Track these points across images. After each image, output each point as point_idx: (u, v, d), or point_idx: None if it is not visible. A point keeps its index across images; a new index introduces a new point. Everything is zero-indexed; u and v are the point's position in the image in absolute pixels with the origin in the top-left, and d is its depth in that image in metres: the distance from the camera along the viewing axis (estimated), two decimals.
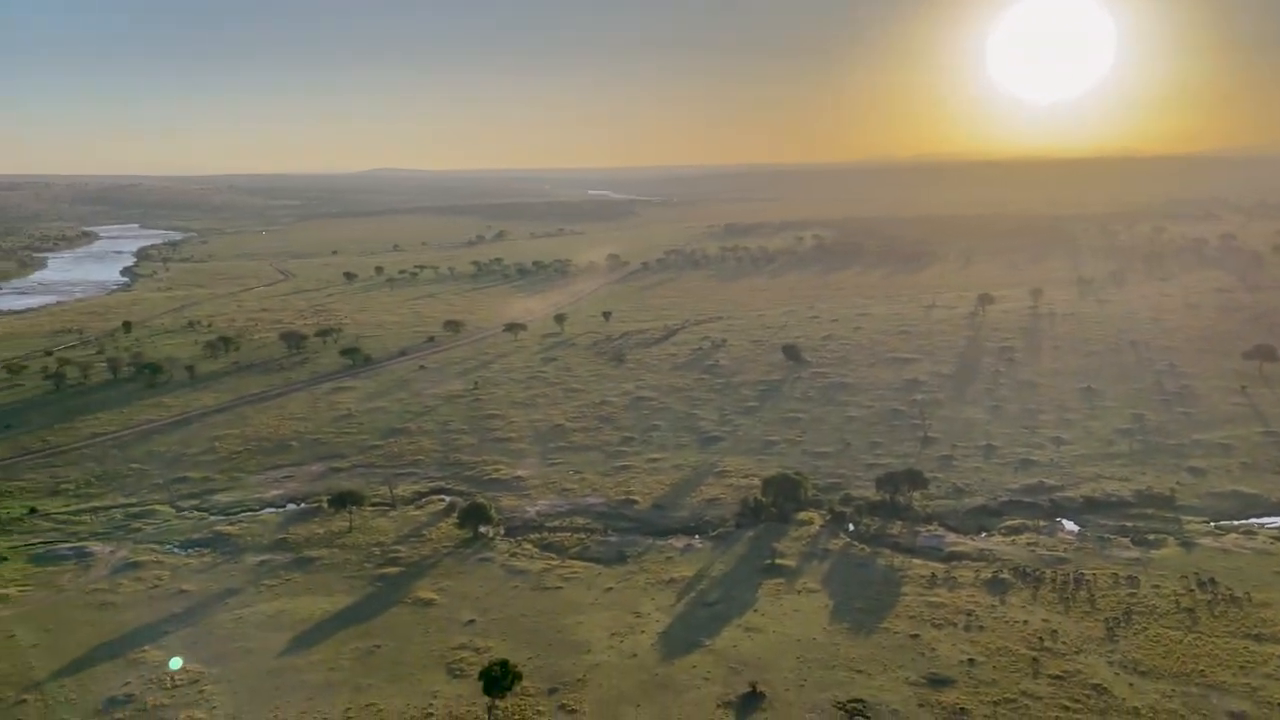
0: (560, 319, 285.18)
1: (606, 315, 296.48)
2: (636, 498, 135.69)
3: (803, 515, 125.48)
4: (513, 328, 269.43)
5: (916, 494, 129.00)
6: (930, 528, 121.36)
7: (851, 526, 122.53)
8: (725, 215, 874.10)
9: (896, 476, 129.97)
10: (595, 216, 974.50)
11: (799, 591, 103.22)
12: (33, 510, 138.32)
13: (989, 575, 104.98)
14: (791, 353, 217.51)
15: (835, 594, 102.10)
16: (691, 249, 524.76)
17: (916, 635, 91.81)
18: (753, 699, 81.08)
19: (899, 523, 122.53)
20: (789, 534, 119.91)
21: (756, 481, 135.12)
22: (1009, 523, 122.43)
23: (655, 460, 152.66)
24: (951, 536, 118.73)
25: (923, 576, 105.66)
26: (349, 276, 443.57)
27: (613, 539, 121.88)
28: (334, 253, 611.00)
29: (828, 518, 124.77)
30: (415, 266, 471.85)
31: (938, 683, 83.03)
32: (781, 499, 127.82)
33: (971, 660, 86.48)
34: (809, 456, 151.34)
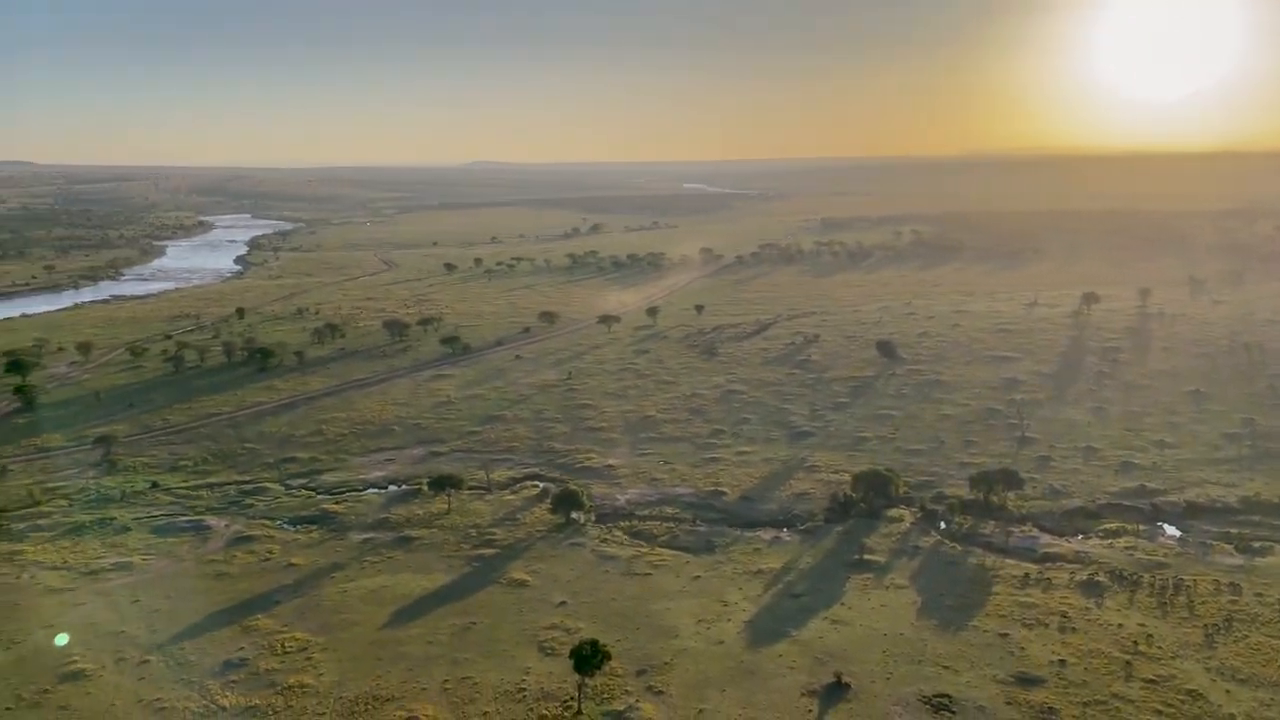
0: (653, 312, 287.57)
1: (699, 309, 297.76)
2: (725, 490, 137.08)
3: (893, 512, 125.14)
4: (606, 320, 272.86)
5: (1011, 494, 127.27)
6: (1024, 528, 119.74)
7: (943, 524, 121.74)
8: (821, 209, 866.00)
9: (991, 476, 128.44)
10: (690, 210, 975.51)
11: (887, 587, 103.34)
12: (154, 484, 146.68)
13: (1084, 578, 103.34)
14: (886, 349, 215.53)
15: (924, 591, 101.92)
16: (786, 243, 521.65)
17: (1006, 634, 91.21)
18: (837, 689, 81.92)
19: (992, 522, 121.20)
20: (879, 530, 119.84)
21: (846, 477, 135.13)
22: (1107, 526, 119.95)
23: (745, 453, 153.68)
24: (1046, 538, 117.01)
25: (1015, 577, 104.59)
26: (449, 267, 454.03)
27: (701, 529, 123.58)
28: (434, 244, 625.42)
29: (919, 515, 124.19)
30: (512, 258, 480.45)
31: (1027, 682, 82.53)
32: (872, 495, 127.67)
33: (1062, 661, 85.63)
34: (901, 454, 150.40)
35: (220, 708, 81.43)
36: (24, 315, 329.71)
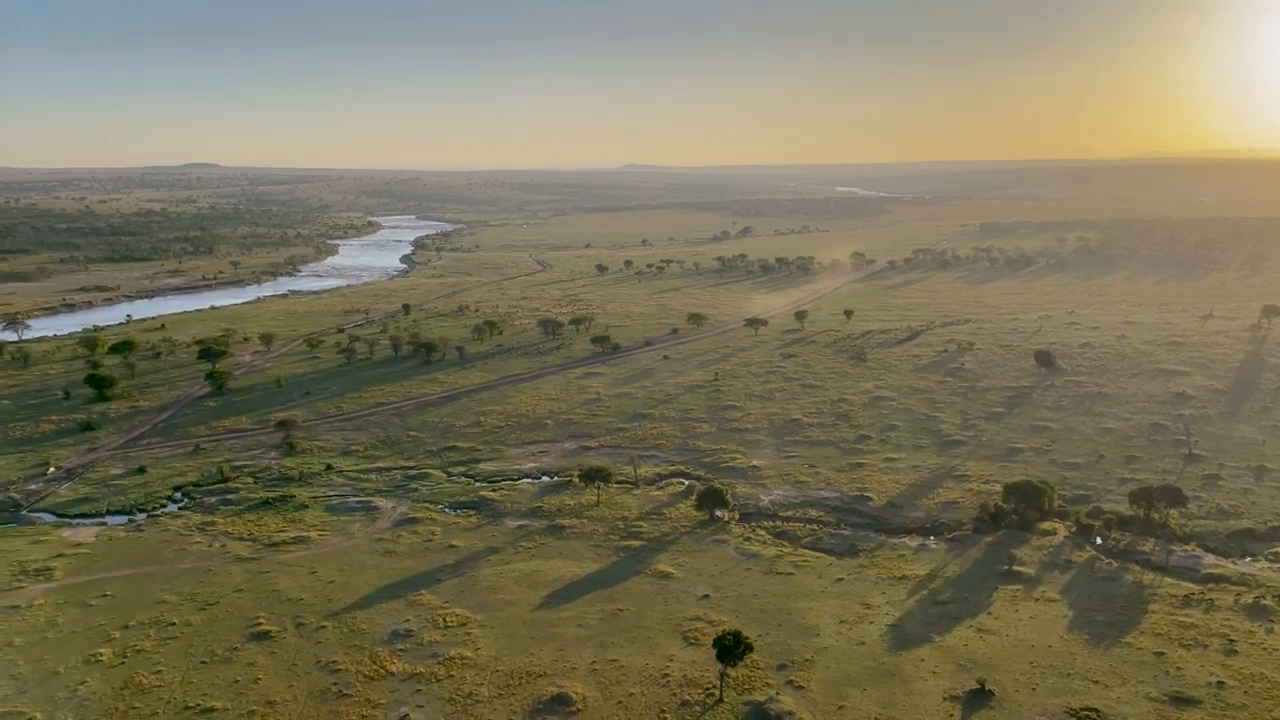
0: (801, 315, 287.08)
1: (848, 314, 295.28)
2: (871, 495, 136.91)
3: (1046, 525, 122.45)
4: (753, 323, 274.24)
5: (1174, 512, 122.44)
6: (1187, 547, 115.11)
7: (1099, 540, 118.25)
8: (981, 214, 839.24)
9: (1153, 492, 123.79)
10: (842, 214, 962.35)
11: (1037, 599, 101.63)
12: (328, 467, 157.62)
13: (1249, 600, 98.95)
14: (1045, 359, 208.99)
15: (1076, 605, 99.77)
16: (941, 248, 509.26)
17: (1162, 653, 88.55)
18: (981, 696, 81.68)
19: (1151, 540, 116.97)
20: (1029, 542, 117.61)
21: (998, 488, 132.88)
22: (1277, 549, 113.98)
23: (892, 460, 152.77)
24: (1210, 558, 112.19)
25: (1174, 596, 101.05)
26: (600, 269, 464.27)
27: (845, 532, 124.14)
28: (587, 246, 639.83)
29: (1073, 529, 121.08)
30: (662, 260, 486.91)
31: (1181, 701, 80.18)
32: (1024, 507, 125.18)
33: (1221, 683, 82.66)
34: (1056, 466, 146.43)
35: (389, 673, 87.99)
36: (213, 307, 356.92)
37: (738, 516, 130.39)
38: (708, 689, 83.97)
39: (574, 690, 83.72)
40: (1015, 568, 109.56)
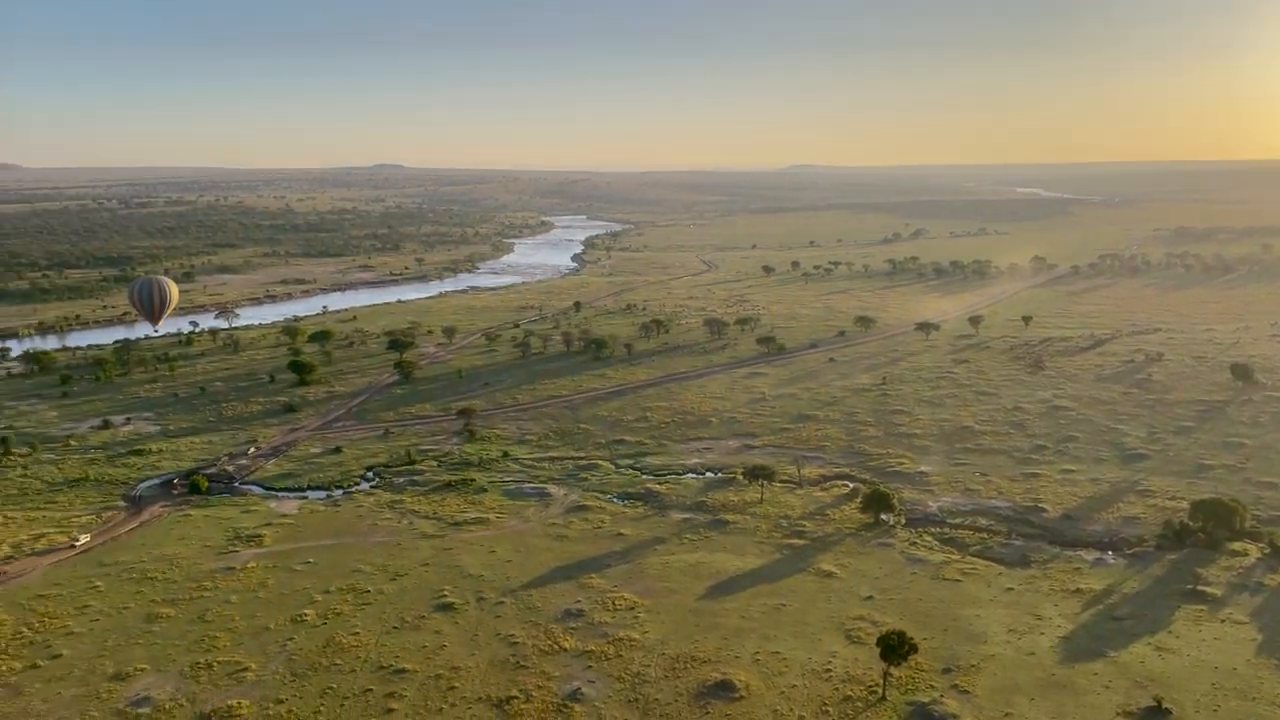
0: (975, 321, 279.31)
1: (1026, 320, 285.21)
2: (1045, 506, 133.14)
3: (1236, 545, 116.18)
4: (924, 327, 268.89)
5: None
6: None
7: None
8: (1176, 217, 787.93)
9: None
10: (1022, 216, 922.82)
11: (1222, 620, 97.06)
12: (505, 454, 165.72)
13: None
14: (1241, 372, 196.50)
15: (1266, 629, 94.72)
16: (1130, 253, 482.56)
17: None
18: (1157, 714, 79.22)
19: None
20: (1217, 562, 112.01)
21: (1184, 504, 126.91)
22: None
23: (1069, 471, 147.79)
24: None
25: None
26: (767, 270, 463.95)
27: (1017, 542, 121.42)
28: (753, 246, 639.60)
29: (1266, 551, 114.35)
30: (830, 262, 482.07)
31: None
32: (1212, 525, 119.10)
33: None
34: (1250, 485, 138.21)
35: (562, 649, 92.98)
36: (399, 301, 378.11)
37: (904, 521, 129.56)
38: (870, 686, 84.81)
39: (738, 678, 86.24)
40: (1200, 587, 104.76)
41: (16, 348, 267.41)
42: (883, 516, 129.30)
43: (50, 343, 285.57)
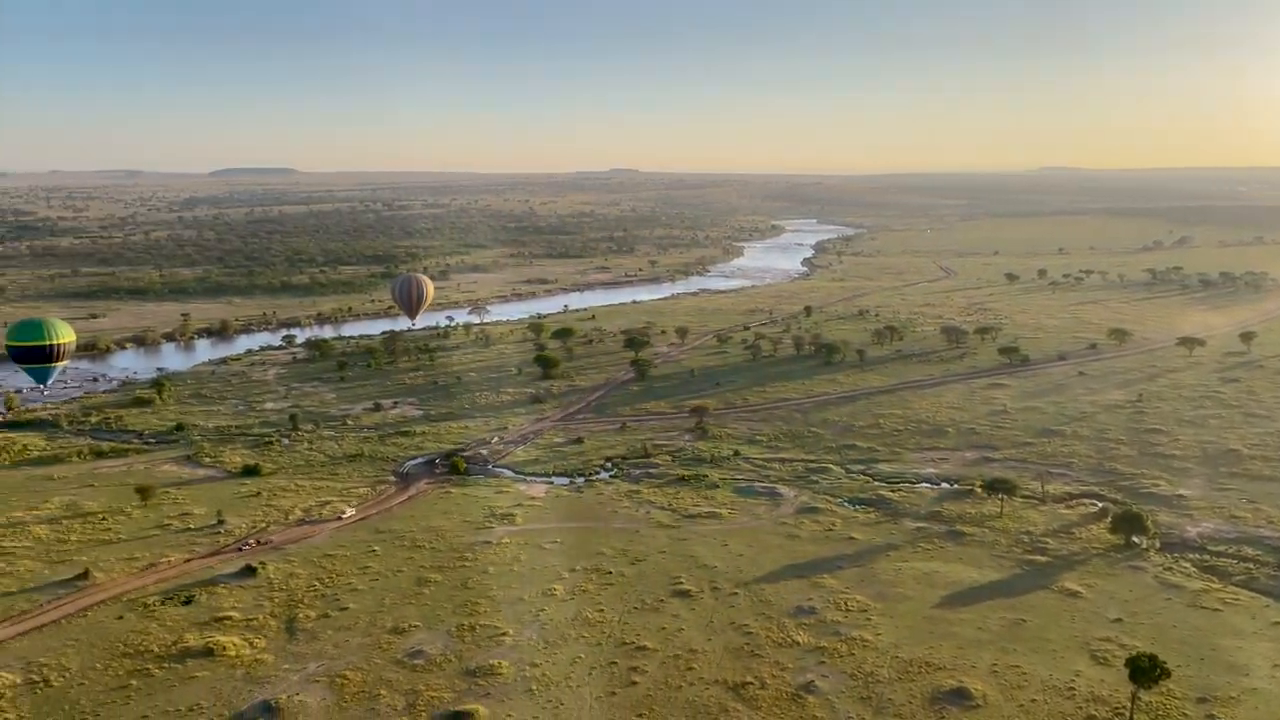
0: (1247, 337, 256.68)
1: None
2: None
3: None
4: (1187, 342, 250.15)
5: None
6: None
7: None
8: None
9: None
10: None
11: None
12: (736, 453, 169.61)
13: None
14: None
15: None
16: None
17: None
18: None
19: None
20: None
21: None
22: None
23: None
24: None
25: None
26: (1010, 277, 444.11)
27: None
28: (995, 253, 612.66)
29: None
30: (1081, 270, 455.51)
31: None
32: None
33: None
34: None
35: (795, 642, 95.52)
36: (634, 301, 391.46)
37: (1158, 545, 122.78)
38: (1116, 708, 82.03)
39: (974, 686, 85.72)
40: None
41: (300, 336, 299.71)
42: (1134, 539, 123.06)
43: (327, 332, 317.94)
